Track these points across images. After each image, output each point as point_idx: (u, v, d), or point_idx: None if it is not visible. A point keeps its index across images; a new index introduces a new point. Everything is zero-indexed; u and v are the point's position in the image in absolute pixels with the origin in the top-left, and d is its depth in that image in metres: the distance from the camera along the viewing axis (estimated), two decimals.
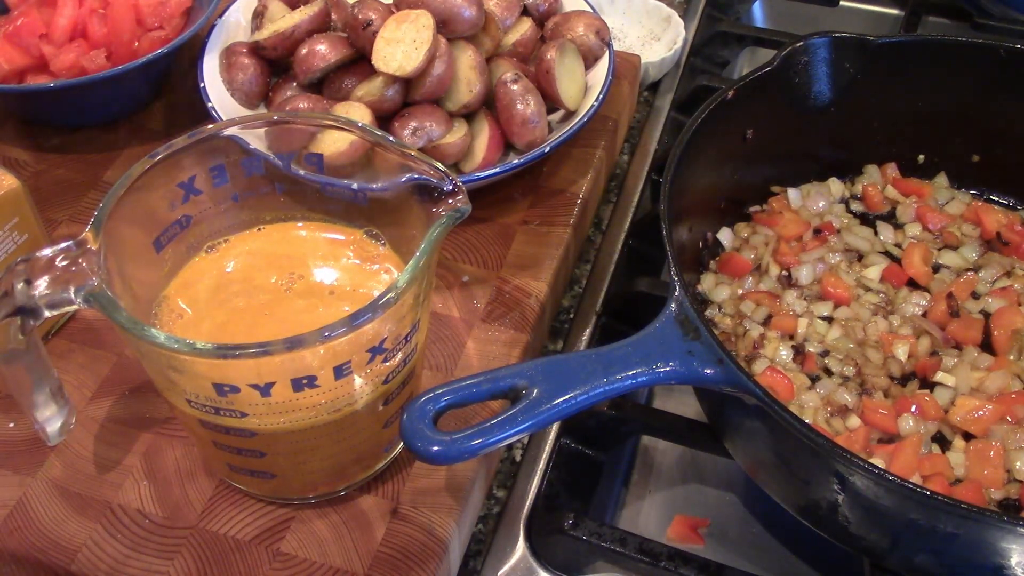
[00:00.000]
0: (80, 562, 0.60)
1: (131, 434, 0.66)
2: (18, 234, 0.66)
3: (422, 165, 0.55)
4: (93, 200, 0.81)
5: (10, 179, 0.65)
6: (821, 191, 0.85)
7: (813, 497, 0.61)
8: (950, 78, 0.82)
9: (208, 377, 0.51)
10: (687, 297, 0.61)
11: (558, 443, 0.71)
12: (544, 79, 0.80)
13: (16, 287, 0.51)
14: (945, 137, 0.85)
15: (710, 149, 0.76)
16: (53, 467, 0.64)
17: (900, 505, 0.56)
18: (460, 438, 0.53)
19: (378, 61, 0.74)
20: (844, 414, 0.69)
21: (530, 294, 0.75)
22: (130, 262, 0.56)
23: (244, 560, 0.60)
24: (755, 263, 0.80)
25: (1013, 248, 0.80)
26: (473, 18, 0.76)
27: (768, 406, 0.56)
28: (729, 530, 0.72)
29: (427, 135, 0.75)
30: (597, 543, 0.64)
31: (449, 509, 0.62)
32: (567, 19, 0.85)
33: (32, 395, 0.57)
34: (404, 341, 0.55)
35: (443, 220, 0.54)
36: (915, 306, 0.76)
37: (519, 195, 0.82)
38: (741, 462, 0.67)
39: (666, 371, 0.58)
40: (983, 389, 0.70)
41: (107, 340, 0.71)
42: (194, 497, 0.63)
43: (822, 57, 0.80)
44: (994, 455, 0.66)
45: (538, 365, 0.57)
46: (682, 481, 0.76)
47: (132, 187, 0.55)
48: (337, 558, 0.60)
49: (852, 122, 0.84)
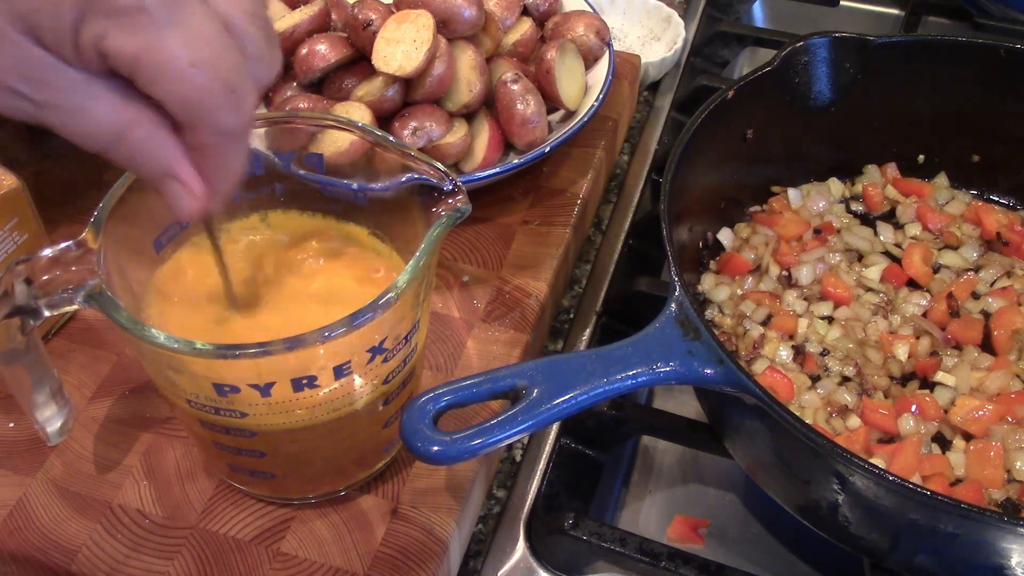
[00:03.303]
0: (80, 562, 0.60)
1: (131, 434, 0.66)
2: (18, 234, 0.66)
3: (422, 165, 0.55)
4: (93, 200, 0.80)
5: (10, 179, 0.65)
6: (821, 191, 0.85)
7: (813, 497, 0.61)
8: (950, 78, 0.82)
9: (208, 377, 0.51)
10: (687, 297, 0.61)
11: (558, 443, 0.71)
12: (544, 79, 0.80)
13: (16, 287, 0.51)
14: (945, 137, 0.85)
15: (710, 149, 0.76)
16: (53, 467, 0.64)
17: (900, 505, 0.56)
18: (460, 438, 0.53)
19: (378, 61, 0.74)
20: (844, 414, 0.69)
21: (530, 294, 0.75)
22: (130, 262, 0.56)
23: (244, 560, 0.60)
24: (755, 263, 0.80)
25: (1013, 248, 0.80)
26: (473, 18, 0.76)
27: (768, 406, 0.56)
28: (729, 530, 0.72)
29: (427, 135, 0.75)
30: (597, 543, 0.64)
31: (449, 509, 0.62)
32: (567, 19, 0.85)
33: (32, 395, 0.57)
34: (404, 341, 0.55)
35: (443, 220, 0.54)
36: (915, 306, 0.76)
37: (519, 195, 0.82)
38: (741, 462, 0.67)
39: (666, 371, 0.58)
40: (983, 389, 0.70)
41: (107, 340, 0.71)
42: (194, 497, 0.63)
43: (822, 57, 0.80)
44: (994, 455, 0.66)
45: (538, 365, 0.57)
46: (682, 481, 0.76)
47: (132, 187, 0.55)
48: (337, 558, 0.60)
49: (852, 122, 0.84)
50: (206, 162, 0.47)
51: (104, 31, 0.41)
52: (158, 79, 0.43)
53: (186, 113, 0.44)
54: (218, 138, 0.46)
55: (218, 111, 0.44)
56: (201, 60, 0.43)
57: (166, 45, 0.42)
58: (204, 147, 0.46)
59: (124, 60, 0.42)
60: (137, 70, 0.43)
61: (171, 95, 0.44)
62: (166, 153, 0.46)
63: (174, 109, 0.44)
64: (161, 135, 0.45)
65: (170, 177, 0.46)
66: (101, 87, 0.43)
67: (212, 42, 0.43)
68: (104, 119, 0.44)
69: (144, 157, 0.46)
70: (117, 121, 0.44)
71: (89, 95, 0.43)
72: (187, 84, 0.43)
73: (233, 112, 0.45)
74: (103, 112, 0.44)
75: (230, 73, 0.44)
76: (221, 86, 0.44)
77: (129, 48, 0.42)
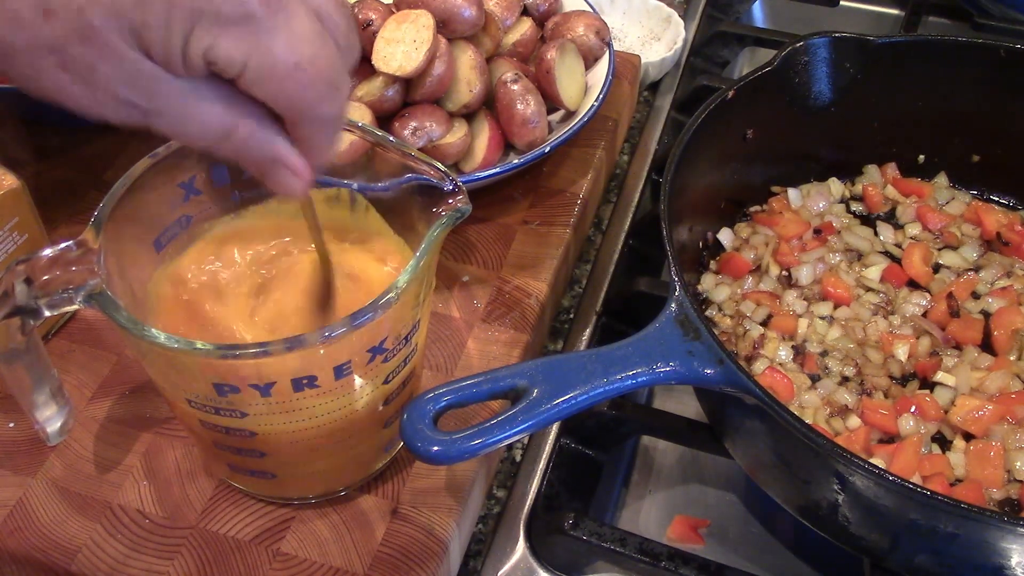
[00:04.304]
0: (80, 562, 0.60)
1: (131, 434, 0.66)
2: (18, 234, 0.66)
3: (422, 165, 0.55)
4: (93, 200, 0.81)
5: (10, 179, 0.65)
6: (821, 191, 0.85)
7: (813, 497, 0.61)
8: (950, 78, 0.82)
9: (208, 377, 0.51)
10: (687, 297, 0.61)
11: (558, 443, 0.71)
12: (544, 79, 0.80)
13: (16, 287, 0.51)
14: (945, 137, 0.85)
15: (710, 149, 0.76)
16: (53, 467, 0.64)
17: (900, 505, 0.56)
18: (460, 438, 0.54)
19: (378, 61, 0.74)
20: (844, 414, 0.69)
21: (530, 294, 0.75)
22: (130, 262, 0.56)
23: (244, 560, 0.60)
24: (755, 263, 0.80)
25: (1013, 248, 0.80)
26: (473, 18, 0.76)
27: (768, 406, 0.56)
28: (729, 530, 0.72)
29: (427, 135, 0.75)
30: (597, 543, 0.64)
31: (449, 509, 0.62)
32: (567, 19, 0.85)
33: (32, 395, 0.57)
34: (404, 341, 0.55)
35: (443, 220, 0.54)
36: (915, 306, 0.76)
37: (519, 195, 0.82)
38: (741, 462, 0.67)
39: (666, 371, 0.58)
40: (983, 389, 0.70)
41: (107, 340, 0.71)
42: (194, 497, 0.63)
43: (822, 57, 0.80)
44: (994, 455, 0.66)
45: (538, 365, 0.57)
46: (682, 481, 0.76)
47: (132, 187, 0.55)
48: (337, 558, 0.60)
49: (852, 122, 0.84)
50: (306, 145, 0.49)
51: (214, 41, 0.43)
52: (265, 81, 0.45)
53: (291, 110, 0.47)
54: (318, 127, 0.48)
55: (320, 104, 0.47)
56: (304, 59, 0.45)
57: (272, 49, 0.44)
58: (304, 137, 0.48)
59: (232, 66, 0.44)
60: (244, 74, 0.45)
61: (278, 95, 0.46)
62: (271, 144, 0.48)
63: (279, 107, 0.47)
64: (265, 128, 0.48)
65: (276, 163, 0.49)
66: (206, 91, 0.45)
67: (312, 40, 0.45)
68: (212, 121, 0.46)
69: (251, 150, 0.48)
70: (224, 122, 0.46)
71: (196, 100, 0.45)
72: (293, 83, 0.45)
73: (333, 103, 0.48)
74: (211, 115, 0.46)
75: (329, 68, 0.46)
76: (323, 81, 0.46)
77: (238, 55, 0.44)
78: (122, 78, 0.44)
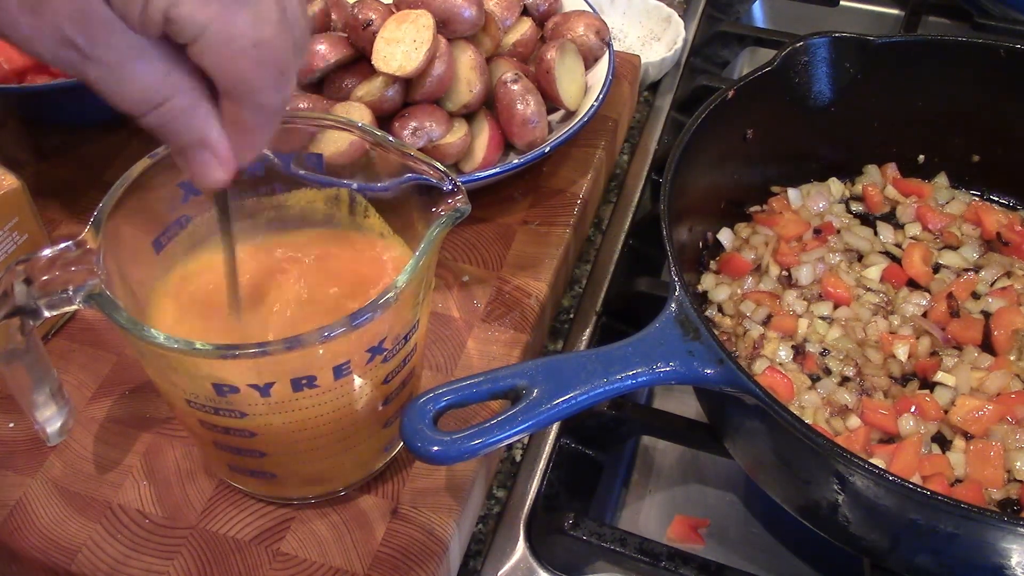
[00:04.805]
0: (80, 562, 0.60)
1: (131, 434, 0.66)
2: (18, 234, 0.66)
3: (422, 165, 0.55)
4: (93, 200, 0.81)
5: (10, 179, 0.65)
6: (821, 191, 0.85)
7: (813, 497, 0.61)
8: (950, 78, 0.82)
9: (208, 377, 0.51)
10: (687, 297, 0.61)
11: (558, 443, 0.71)
12: (544, 79, 0.80)
13: (16, 287, 0.51)
14: (945, 137, 0.85)
15: (710, 149, 0.76)
16: (53, 467, 0.64)
17: (900, 505, 0.56)
18: (460, 438, 0.54)
19: (378, 61, 0.74)
20: (844, 414, 0.69)
21: (530, 294, 0.75)
22: (130, 262, 0.56)
23: (244, 560, 0.60)
24: (755, 263, 0.80)
25: (1013, 248, 0.80)
26: (473, 18, 0.76)
27: (768, 406, 0.56)
28: (729, 530, 0.72)
29: (427, 135, 0.75)
30: (597, 543, 0.64)
31: (449, 509, 0.62)
32: (567, 19, 0.85)
33: (32, 395, 0.57)
34: (404, 341, 0.55)
35: (443, 220, 0.54)
36: (915, 306, 0.76)
37: (519, 195, 0.82)
38: (741, 462, 0.67)
39: (666, 371, 0.58)
40: (983, 389, 0.70)
41: (107, 340, 0.71)
42: (194, 497, 0.63)
43: (822, 57, 0.80)
44: (994, 455, 0.66)
45: (538, 365, 0.57)
46: (682, 481, 0.76)
47: (132, 187, 0.55)
48: (337, 558, 0.60)
49: (852, 122, 0.84)
50: (236, 134, 0.48)
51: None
52: (220, 52, 0.44)
53: (236, 88, 0.45)
54: (257, 114, 0.47)
55: (266, 89, 0.46)
56: (262, 40, 0.44)
57: (236, 21, 0.43)
58: (240, 121, 0.47)
59: (192, 28, 0.43)
60: (200, 40, 0.43)
61: (228, 70, 0.45)
62: (202, 123, 0.47)
63: (226, 82, 0.45)
64: (201, 104, 0.46)
65: (202, 146, 0.47)
66: (152, 54, 0.44)
67: (275, 24, 0.45)
68: (150, 86, 0.45)
69: (180, 127, 0.46)
70: (161, 90, 0.45)
71: (139, 59, 0.44)
72: (246, 61, 0.44)
73: (278, 92, 0.47)
74: (150, 78, 0.44)
75: (283, 56, 0.46)
76: (275, 67, 0.45)
77: (200, 17, 0.42)
78: (72, 14, 0.42)
